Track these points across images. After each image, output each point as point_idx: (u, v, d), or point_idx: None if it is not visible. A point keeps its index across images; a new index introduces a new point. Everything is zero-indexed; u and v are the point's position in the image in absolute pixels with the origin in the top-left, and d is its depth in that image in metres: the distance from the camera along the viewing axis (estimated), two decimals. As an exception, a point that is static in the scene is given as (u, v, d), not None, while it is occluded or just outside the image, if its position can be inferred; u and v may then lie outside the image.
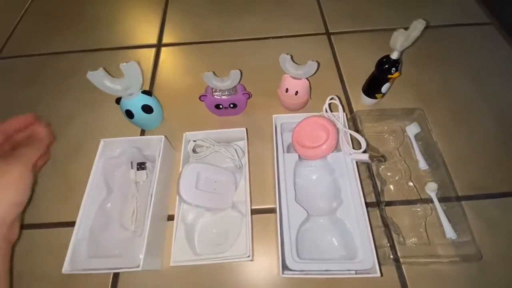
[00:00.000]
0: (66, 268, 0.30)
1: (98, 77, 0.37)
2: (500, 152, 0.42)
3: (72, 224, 0.37)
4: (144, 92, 0.42)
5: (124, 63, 0.37)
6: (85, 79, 0.54)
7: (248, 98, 0.44)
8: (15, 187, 0.28)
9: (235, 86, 0.42)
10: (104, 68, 0.37)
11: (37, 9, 0.66)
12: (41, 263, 0.37)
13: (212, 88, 0.42)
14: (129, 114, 0.42)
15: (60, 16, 0.64)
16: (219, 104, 0.43)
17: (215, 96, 0.42)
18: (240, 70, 0.40)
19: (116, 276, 0.36)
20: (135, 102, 0.41)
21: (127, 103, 0.41)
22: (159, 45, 0.58)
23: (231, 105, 0.44)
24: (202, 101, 0.43)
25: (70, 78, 0.53)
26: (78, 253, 0.32)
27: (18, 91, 0.52)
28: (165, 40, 0.59)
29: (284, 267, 0.29)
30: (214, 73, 0.40)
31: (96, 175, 0.37)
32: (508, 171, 0.40)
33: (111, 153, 0.39)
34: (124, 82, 0.38)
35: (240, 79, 0.41)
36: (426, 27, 0.35)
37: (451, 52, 0.53)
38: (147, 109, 0.42)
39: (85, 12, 0.65)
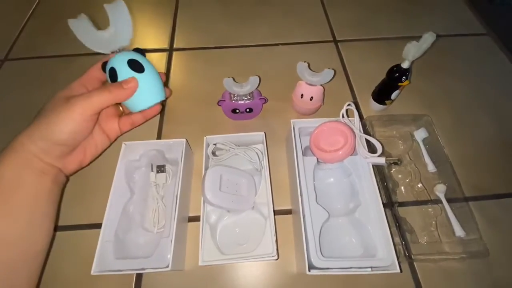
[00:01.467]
0: (95, 269, 0.31)
1: (81, 25, 0.31)
2: (501, 155, 0.45)
3: (95, 226, 0.38)
4: (136, 49, 0.35)
5: (108, 3, 0.31)
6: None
7: (264, 103, 0.46)
8: (73, 120, 0.30)
9: (252, 92, 0.44)
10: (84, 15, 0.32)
11: (44, 11, 0.66)
12: (64, 265, 0.37)
13: (230, 93, 0.43)
14: (113, 75, 0.32)
15: (68, 17, 0.64)
16: (236, 109, 0.45)
17: (233, 101, 0.44)
18: (258, 76, 0.41)
19: (139, 277, 0.36)
20: (121, 57, 0.32)
21: (112, 61, 0.33)
22: (171, 50, 0.59)
23: (247, 110, 0.45)
24: (220, 106, 0.45)
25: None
26: (105, 254, 0.32)
27: (30, 93, 0.52)
28: (176, 44, 0.60)
29: (310, 265, 0.30)
30: (233, 79, 0.41)
31: (119, 177, 0.37)
32: (506, 173, 0.43)
33: (132, 156, 0.40)
34: (111, 29, 0.32)
35: (258, 85, 0.42)
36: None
37: (451, 62, 0.56)
38: (135, 66, 0.32)
39: (93, 15, 0.65)
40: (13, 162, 0.28)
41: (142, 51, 0.35)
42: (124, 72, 0.32)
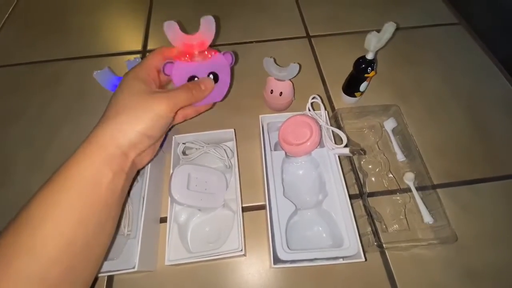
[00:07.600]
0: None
1: (104, 76, 0.38)
2: (469, 143, 0.45)
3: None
4: None
5: (129, 59, 0.38)
6: (70, 87, 0.54)
7: (232, 64, 0.37)
8: (150, 121, 0.29)
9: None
10: (109, 67, 0.39)
11: (18, 18, 0.65)
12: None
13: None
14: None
15: (41, 24, 0.64)
16: (194, 76, 0.35)
17: (186, 60, 0.33)
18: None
19: (110, 279, 0.36)
20: None
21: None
22: (144, 51, 0.58)
23: (211, 75, 0.36)
24: (167, 74, 0.33)
25: (55, 87, 0.53)
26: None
27: (0, 101, 0.52)
28: (150, 46, 0.59)
29: (276, 259, 0.30)
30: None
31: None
32: (476, 159, 0.44)
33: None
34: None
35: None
36: (398, 29, 0.38)
37: (422, 52, 0.57)
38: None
39: (67, 20, 0.65)
40: (95, 159, 0.26)
41: None
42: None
